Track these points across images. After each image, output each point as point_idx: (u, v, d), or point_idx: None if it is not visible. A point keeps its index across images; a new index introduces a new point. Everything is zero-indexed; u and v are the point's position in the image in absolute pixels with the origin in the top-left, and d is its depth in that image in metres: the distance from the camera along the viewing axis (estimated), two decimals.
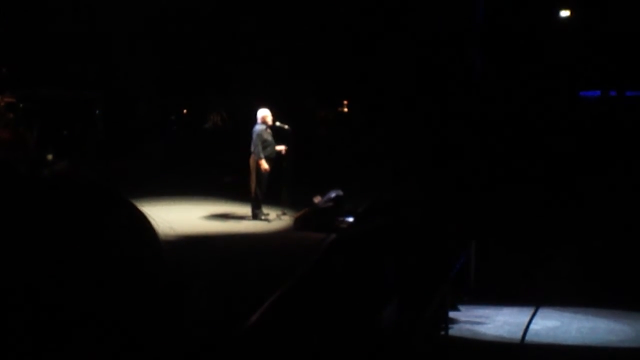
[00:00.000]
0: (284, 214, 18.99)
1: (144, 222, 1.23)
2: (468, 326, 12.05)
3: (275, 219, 18.75)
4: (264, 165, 18.45)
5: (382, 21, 26.65)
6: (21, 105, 23.30)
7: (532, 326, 11.93)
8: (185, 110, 29.99)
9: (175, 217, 17.38)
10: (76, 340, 1.09)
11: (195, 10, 26.88)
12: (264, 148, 18.52)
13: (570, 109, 25.96)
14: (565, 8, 27.31)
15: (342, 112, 29.92)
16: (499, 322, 12.27)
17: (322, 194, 18.09)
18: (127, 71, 27.00)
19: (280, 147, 18.75)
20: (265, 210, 18.77)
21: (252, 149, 18.57)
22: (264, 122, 18.64)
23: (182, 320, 1.21)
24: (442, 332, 11.10)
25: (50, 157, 22.65)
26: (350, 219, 16.38)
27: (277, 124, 18.91)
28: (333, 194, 18.01)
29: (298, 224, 17.89)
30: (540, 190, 19.71)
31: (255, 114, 18.84)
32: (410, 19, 26.35)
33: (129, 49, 26.93)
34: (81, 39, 26.04)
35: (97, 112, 27.07)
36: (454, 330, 11.64)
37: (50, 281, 1.09)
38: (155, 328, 1.16)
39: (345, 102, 29.74)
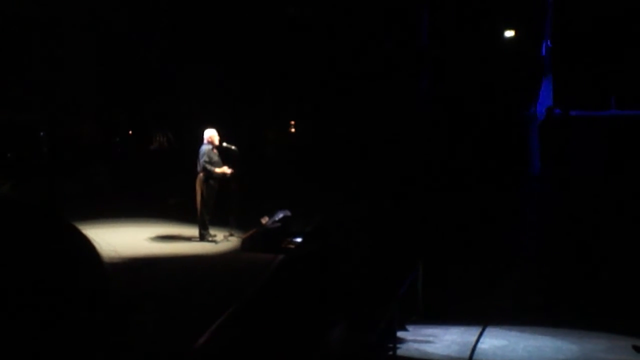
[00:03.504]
0: (231, 235, 18.92)
1: (87, 245, 1.20)
2: (416, 346, 12.06)
3: (222, 240, 18.67)
4: (227, 170, 18.51)
5: (328, 42, 26.74)
6: None
7: (479, 345, 11.98)
8: (130, 132, 29.83)
9: (121, 240, 17.25)
10: None
11: (142, 26, 26.77)
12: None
13: (515, 127, 26.21)
14: (510, 28, 27.61)
15: (292, 132, 29.98)
16: (447, 341, 12.30)
17: (270, 215, 18.06)
18: (71, 93, 26.79)
19: (226, 169, 18.66)
20: (212, 231, 18.69)
21: (199, 169, 18.51)
22: (210, 142, 18.60)
23: (129, 344, 1.18)
24: (390, 352, 11.09)
25: None
26: (298, 240, 16.36)
27: (224, 144, 18.88)
28: (281, 215, 17.98)
29: (246, 244, 17.82)
30: (488, 209, 19.83)
31: (202, 135, 18.80)
32: (357, 40, 26.46)
33: (73, 70, 26.74)
34: (24, 61, 25.84)
35: (41, 134, 26.85)
36: (402, 350, 11.64)
37: None
38: (101, 352, 1.13)
39: (293, 122, 29.79)
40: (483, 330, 12.61)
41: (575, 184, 22.36)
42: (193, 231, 18.89)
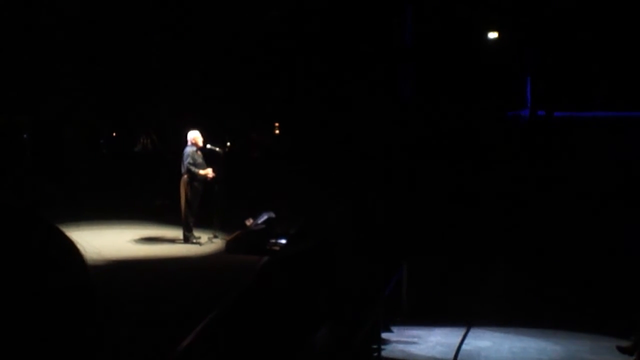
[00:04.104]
0: (215, 236, 18.90)
1: (70, 247, 1.19)
2: (400, 347, 12.06)
3: (206, 242, 18.65)
4: (210, 172, 18.47)
5: (310, 43, 26.74)
6: None
7: (464, 347, 11.99)
8: (114, 133, 29.76)
9: (105, 242, 17.22)
10: None
11: (126, 31, 26.71)
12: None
13: (498, 127, 26.23)
14: (493, 30, 27.64)
15: (276, 134, 29.99)
16: (432, 342, 12.30)
17: (254, 217, 18.04)
18: (56, 94, 26.72)
19: (208, 172, 18.62)
20: (196, 233, 18.67)
21: (183, 170, 18.47)
22: (194, 144, 18.56)
23: (112, 345, 1.18)
24: (375, 354, 11.09)
25: None
26: (283, 241, 16.34)
27: (208, 146, 18.85)
28: (265, 216, 17.97)
29: (230, 246, 17.81)
30: (472, 211, 19.86)
31: (186, 137, 18.77)
32: (338, 40, 26.47)
33: (58, 71, 26.66)
34: (8, 62, 25.74)
35: (25, 136, 26.77)
36: (387, 352, 11.63)
37: None
38: (83, 354, 1.12)
39: (277, 124, 29.79)
40: (467, 331, 12.62)
41: (558, 185, 22.40)
42: (177, 233, 18.86)
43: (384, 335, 11.98)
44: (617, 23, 25.40)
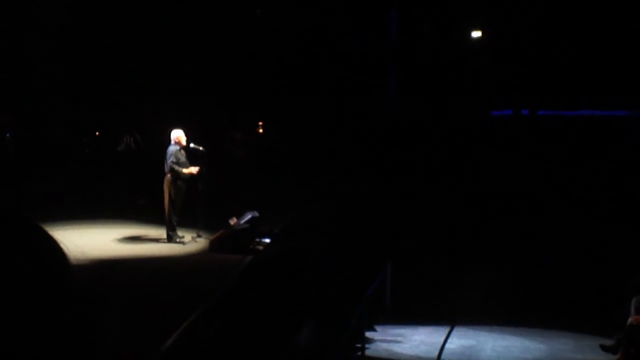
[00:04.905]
0: (199, 236, 18.87)
1: (54, 247, 1.18)
2: (384, 346, 12.07)
3: (190, 241, 18.62)
4: (194, 170, 18.42)
5: (295, 42, 26.74)
6: None
7: (448, 345, 11.99)
8: (97, 133, 29.66)
9: (88, 241, 17.16)
10: None
11: (108, 29, 26.63)
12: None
13: (482, 127, 26.27)
14: (477, 29, 27.67)
15: (260, 133, 29.95)
16: (415, 341, 12.32)
17: (238, 216, 18.02)
18: (39, 93, 26.62)
19: (193, 169, 18.59)
20: (180, 232, 18.63)
21: (166, 170, 18.43)
22: (177, 142, 18.52)
23: (94, 347, 1.17)
24: (359, 353, 11.09)
25: None
26: (267, 240, 16.33)
27: (192, 145, 18.81)
28: (249, 215, 17.95)
29: (213, 246, 17.79)
30: (457, 211, 19.87)
31: (169, 135, 18.73)
32: (323, 40, 26.47)
33: (41, 71, 26.57)
34: None
35: (8, 135, 26.66)
36: (371, 351, 11.64)
37: None
38: (68, 352, 1.11)
39: (260, 123, 29.75)
40: (451, 330, 12.63)
41: (542, 184, 22.45)
42: (161, 232, 18.84)
43: (368, 334, 11.99)
44: (601, 23, 25.48)
